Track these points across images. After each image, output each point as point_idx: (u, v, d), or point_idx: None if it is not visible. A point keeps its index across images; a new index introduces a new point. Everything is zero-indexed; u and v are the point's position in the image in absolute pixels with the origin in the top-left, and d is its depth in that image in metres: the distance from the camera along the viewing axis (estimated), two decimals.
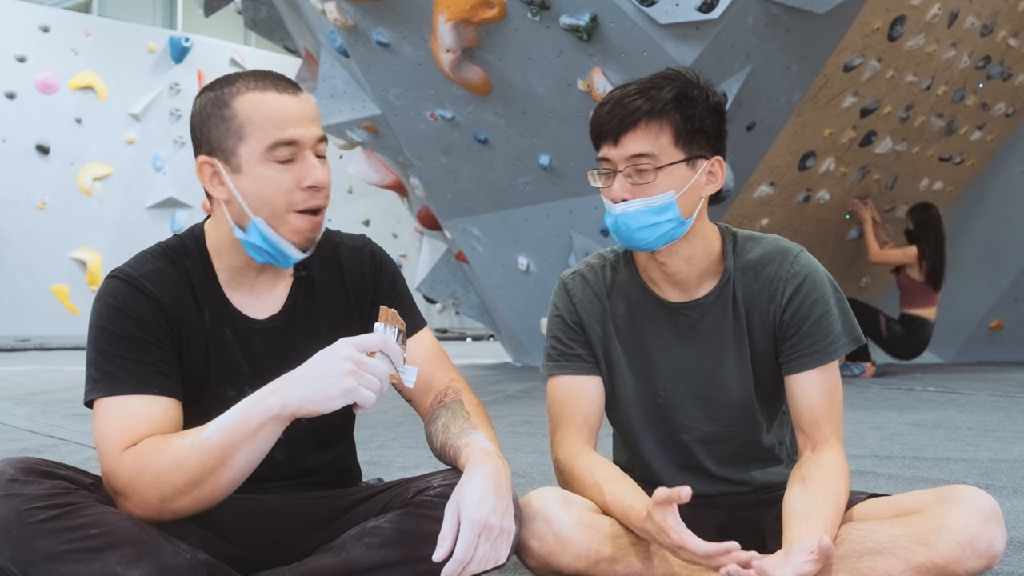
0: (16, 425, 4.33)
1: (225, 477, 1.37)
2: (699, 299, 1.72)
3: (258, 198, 1.47)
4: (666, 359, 1.74)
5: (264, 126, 1.46)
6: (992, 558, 1.47)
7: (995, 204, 8.34)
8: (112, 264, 14.82)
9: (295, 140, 1.46)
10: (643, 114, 1.60)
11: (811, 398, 1.65)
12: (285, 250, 1.50)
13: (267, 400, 1.35)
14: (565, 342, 1.76)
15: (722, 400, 1.73)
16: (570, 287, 1.79)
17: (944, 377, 7.10)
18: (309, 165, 1.47)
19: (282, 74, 1.55)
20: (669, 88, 1.61)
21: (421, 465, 3.09)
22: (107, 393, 1.44)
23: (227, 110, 1.48)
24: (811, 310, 1.66)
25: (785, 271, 1.69)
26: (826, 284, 1.69)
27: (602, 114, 1.64)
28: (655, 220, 1.61)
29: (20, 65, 15.15)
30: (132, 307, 1.49)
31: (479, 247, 7.65)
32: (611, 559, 1.55)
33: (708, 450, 1.75)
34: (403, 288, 1.72)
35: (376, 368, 1.34)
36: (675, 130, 1.61)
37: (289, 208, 1.47)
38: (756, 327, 1.71)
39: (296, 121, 1.47)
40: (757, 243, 1.74)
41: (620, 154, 1.61)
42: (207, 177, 1.51)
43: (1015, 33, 7.36)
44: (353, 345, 1.35)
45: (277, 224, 1.48)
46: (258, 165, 1.46)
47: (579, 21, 5.74)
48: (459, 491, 1.39)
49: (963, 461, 3.23)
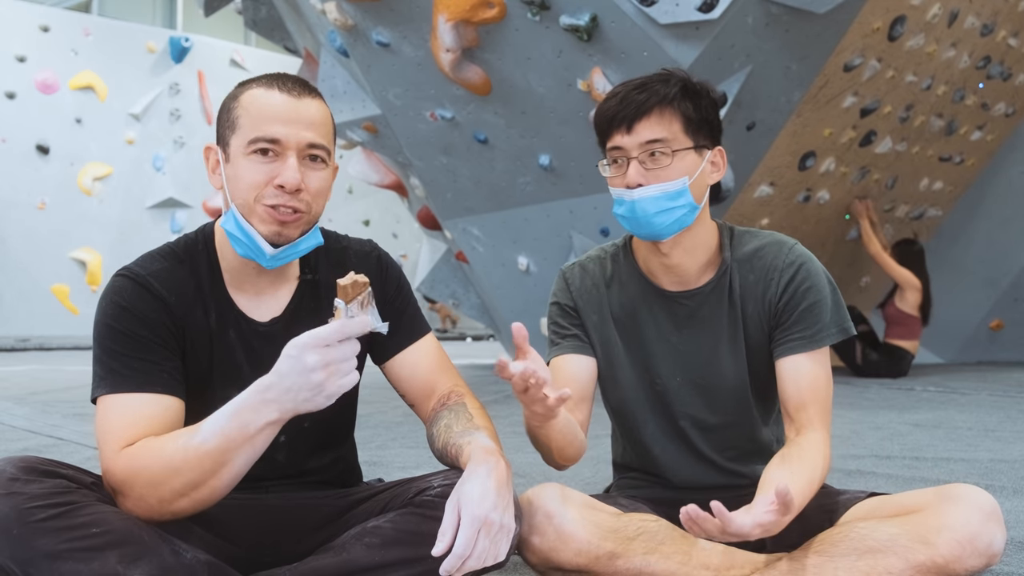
0: (16, 425, 4.33)
1: (224, 479, 1.38)
2: (697, 288, 1.76)
3: (236, 187, 1.50)
4: (663, 347, 1.77)
5: (252, 120, 1.49)
6: (992, 557, 1.47)
7: (995, 204, 8.34)
8: (112, 264, 14.87)
9: (276, 139, 1.48)
10: (656, 102, 1.65)
11: (798, 382, 1.68)
12: (257, 241, 1.50)
13: (265, 410, 1.34)
14: (563, 325, 1.82)
15: (718, 388, 1.76)
16: (568, 277, 1.85)
17: (944, 377, 7.10)
18: (285, 166, 1.48)
19: (303, 79, 1.56)
20: (674, 82, 1.68)
21: (421, 465, 3.09)
22: (111, 390, 1.45)
23: (234, 103, 1.53)
24: (804, 296, 1.71)
25: (781, 260, 1.73)
26: (820, 274, 1.73)
27: (612, 105, 1.68)
28: (670, 205, 1.66)
29: (20, 65, 15.16)
30: (138, 306, 1.50)
31: (479, 247, 7.65)
32: (612, 554, 1.55)
33: (706, 438, 1.78)
34: (408, 294, 1.73)
35: (346, 353, 1.32)
36: (685, 118, 1.66)
37: (258, 200, 1.49)
38: (751, 317, 1.74)
39: (284, 122, 1.48)
40: (754, 236, 1.79)
41: (634, 141, 1.65)
42: (211, 164, 1.56)
43: (1015, 33, 7.37)
44: (313, 347, 1.30)
45: (247, 213, 1.50)
46: (241, 156, 1.50)
47: (579, 21, 5.74)
48: (460, 487, 1.40)
49: (963, 461, 3.23)
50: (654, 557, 1.55)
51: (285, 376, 1.32)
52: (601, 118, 1.71)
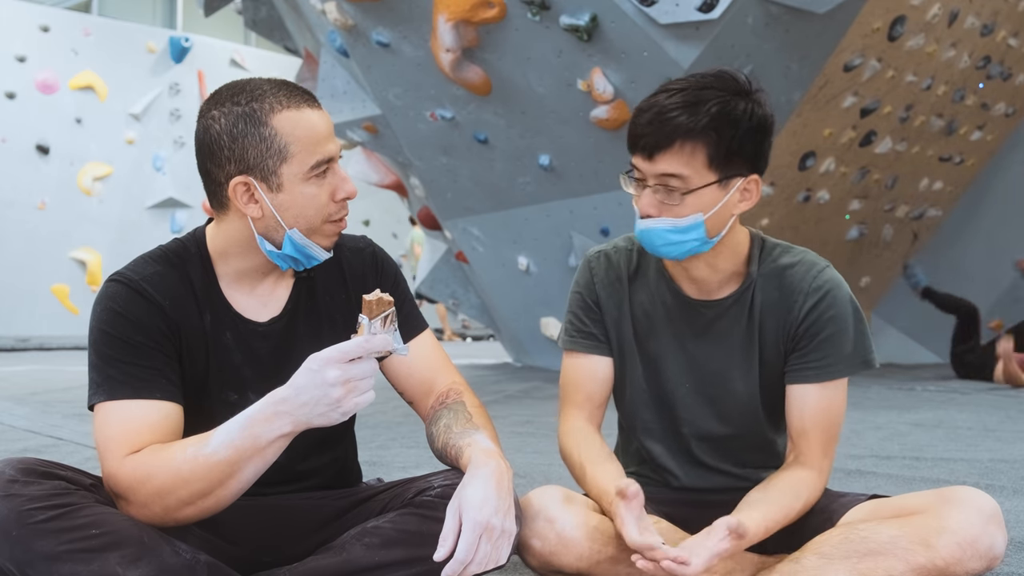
0: (16, 425, 4.33)
1: (231, 489, 1.38)
2: (719, 299, 1.72)
3: (296, 213, 1.49)
4: (677, 352, 1.74)
5: (307, 146, 1.47)
6: (992, 559, 1.47)
7: (995, 204, 8.34)
8: (112, 264, 14.85)
9: (333, 156, 1.50)
10: (680, 134, 1.54)
11: (803, 411, 1.66)
12: (314, 254, 1.53)
13: (277, 422, 1.34)
14: (582, 319, 1.79)
15: (726, 400, 1.73)
16: (594, 266, 1.81)
17: (944, 377, 7.10)
18: (340, 178, 1.51)
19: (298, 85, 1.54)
20: (715, 102, 1.55)
21: (421, 465, 3.08)
22: (108, 397, 1.44)
23: (265, 128, 1.45)
24: (825, 325, 1.65)
25: (807, 284, 1.68)
26: (847, 303, 1.67)
27: (641, 123, 1.58)
28: (679, 239, 1.61)
29: (20, 65, 15.14)
30: (132, 311, 1.48)
31: (479, 247, 7.65)
32: (613, 560, 1.55)
33: (709, 446, 1.76)
34: (405, 290, 1.72)
35: (366, 371, 1.33)
36: (710, 153, 1.56)
37: (325, 220, 1.51)
38: (769, 334, 1.70)
39: (329, 137, 1.50)
40: (785, 252, 1.73)
41: (651, 169, 1.58)
42: (239, 196, 1.48)
43: (1015, 33, 7.36)
44: (336, 362, 1.31)
45: (311, 234, 1.51)
46: (300, 184, 1.48)
47: (579, 21, 5.74)
48: (461, 491, 1.39)
49: (963, 461, 3.23)
50: None
51: (302, 390, 1.32)
52: (631, 130, 1.61)
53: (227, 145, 1.46)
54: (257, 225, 1.51)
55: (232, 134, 1.46)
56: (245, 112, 1.46)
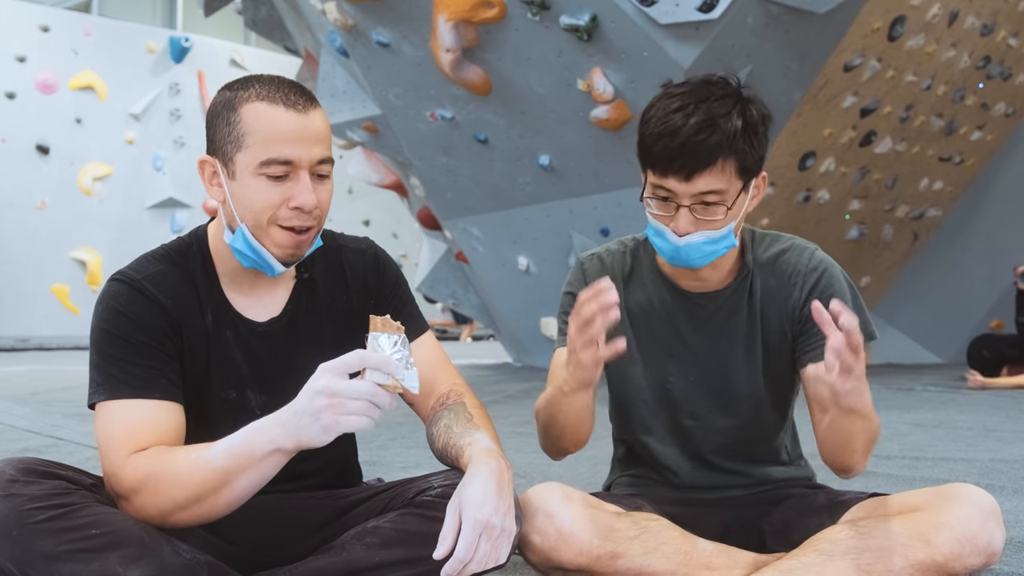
0: (16, 425, 4.33)
1: (224, 499, 1.37)
2: (717, 291, 1.74)
3: (246, 207, 1.47)
4: (679, 347, 1.75)
5: (262, 140, 1.44)
6: (991, 555, 1.48)
7: (995, 204, 8.35)
8: (112, 264, 14.87)
9: (290, 160, 1.45)
10: (720, 152, 1.55)
11: None
12: (268, 260, 1.49)
13: (272, 432, 1.33)
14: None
15: (731, 392, 1.74)
16: (586, 267, 1.81)
17: (944, 377, 7.10)
18: (300, 186, 1.46)
19: (301, 85, 1.52)
20: (736, 115, 1.57)
21: (421, 465, 3.09)
22: (109, 396, 1.44)
23: (233, 115, 1.46)
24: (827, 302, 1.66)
25: (803, 265, 1.71)
26: (841, 279, 1.72)
27: (673, 147, 1.55)
28: (713, 249, 1.63)
29: (20, 65, 15.16)
30: (134, 310, 1.48)
31: (479, 247, 7.65)
32: (612, 555, 1.55)
33: (712, 441, 1.76)
34: (406, 291, 1.72)
35: (357, 391, 1.27)
36: (742, 163, 1.58)
37: (272, 222, 1.47)
38: (772, 321, 1.72)
39: (295, 141, 1.45)
40: (775, 240, 1.77)
41: (689, 190, 1.57)
42: (207, 175, 1.51)
43: (1015, 33, 7.37)
44: (332, 371, 1.29)
45: (260, 234, 1.48)
46: (250, 176, 1.45)
47: (579, 21, 5.74)
48: (461, 490, 1.39)
49: (963, 461, 3.23)
50: (655, 557, 1.55)
51: (298, 398, 1.31)
52: (647, 148, 1.59)
53: (209, 124, 1.51)
54: (224, 212, 1.52)
55: (211, 115, 1.51)
56: (227, 98, 1.49)
